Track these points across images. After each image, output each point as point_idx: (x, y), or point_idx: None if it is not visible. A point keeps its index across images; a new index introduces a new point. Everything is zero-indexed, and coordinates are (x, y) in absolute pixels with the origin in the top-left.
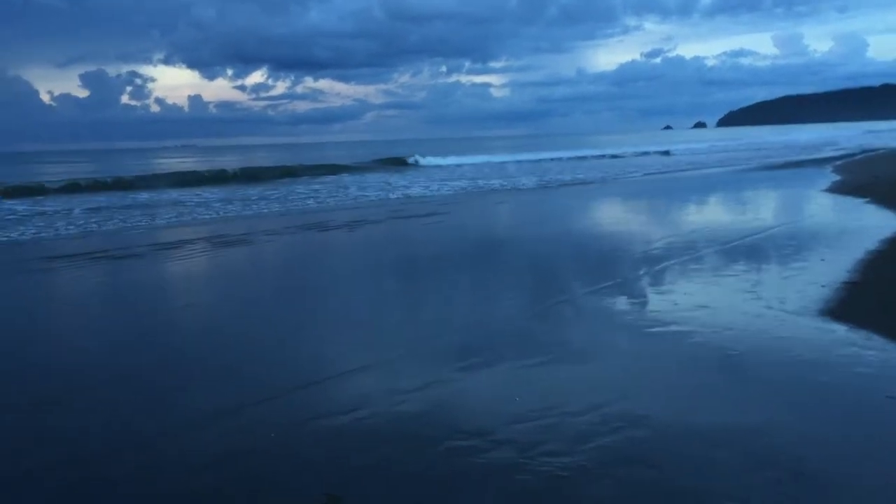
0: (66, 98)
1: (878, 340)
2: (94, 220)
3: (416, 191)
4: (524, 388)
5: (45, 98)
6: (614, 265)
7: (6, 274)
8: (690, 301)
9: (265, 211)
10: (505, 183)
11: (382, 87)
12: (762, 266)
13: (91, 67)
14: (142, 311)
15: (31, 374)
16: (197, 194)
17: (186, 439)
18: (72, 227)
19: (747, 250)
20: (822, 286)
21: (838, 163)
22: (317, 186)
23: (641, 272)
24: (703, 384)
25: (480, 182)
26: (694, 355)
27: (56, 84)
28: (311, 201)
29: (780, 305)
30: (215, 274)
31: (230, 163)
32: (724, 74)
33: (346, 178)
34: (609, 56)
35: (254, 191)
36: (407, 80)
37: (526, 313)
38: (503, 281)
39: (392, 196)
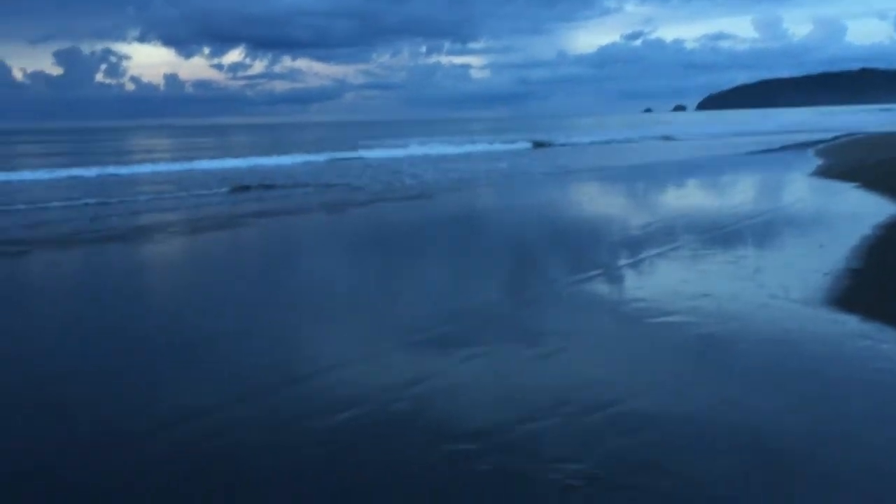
0: (39, 76)
1: (890, 332)
2: None
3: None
4: (526, 384)
5: (18, 76)
6: (610, 251)
7: None
8: (691, 289)
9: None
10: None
11: (362, 67)
12: (760, 252)
13: (65, 44)
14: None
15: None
16: None
17: (160, 440)
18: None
19: (743, 236)
20: (825, 274)
21: (820, 146)
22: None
23: (638, 258)
24: (718, 382)
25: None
26: (702, 349)
27: (29, 61)
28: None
29: (784, 294)
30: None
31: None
32: (704, 57)
33: None
34: (589, 38)
35: None
36: (386, 61)
37: (524, 303)
38: (502, 269)
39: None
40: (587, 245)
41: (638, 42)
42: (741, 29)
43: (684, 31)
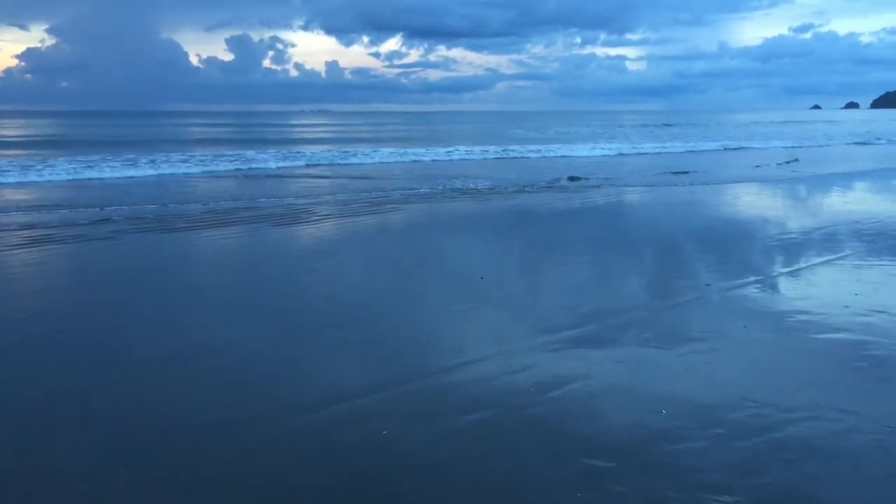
0: (212, 61)
1: None
2: None
3: None
4: (672, 398)
5: (194, 60)
6: (770, 256)
7: None
8: (863, 303)
9: None
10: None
11: (515, 57)
12: None
13: (236, 32)
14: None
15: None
16: None
17: (286, 428)
18: None
19: None
20: None
21: None
22: None
23: (801, 265)
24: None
25: None
26: (877, 373)
27: (204, 47)
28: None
29: None
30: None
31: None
32: (881, 52)
33: None
34: (754, 30)
35: None
36: (540, 51)
37: (672, 308)
38: (651, 270)
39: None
40: (744, 249)
41: (808, 35)
42: None
43: (860, 24)
